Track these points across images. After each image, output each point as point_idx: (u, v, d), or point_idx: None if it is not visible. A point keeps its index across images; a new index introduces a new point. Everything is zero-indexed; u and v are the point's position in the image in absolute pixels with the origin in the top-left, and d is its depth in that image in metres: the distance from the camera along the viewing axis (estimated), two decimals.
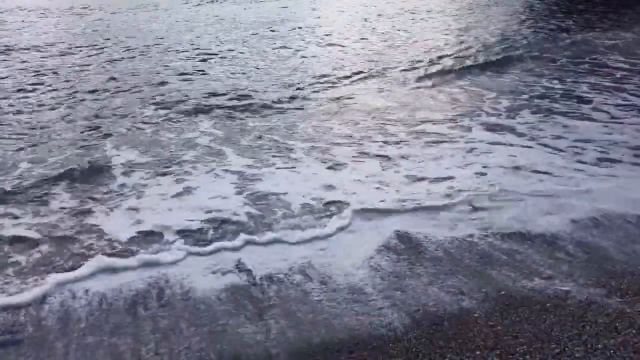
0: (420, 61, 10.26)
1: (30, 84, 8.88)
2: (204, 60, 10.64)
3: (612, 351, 2.88)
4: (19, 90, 8.53)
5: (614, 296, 3.41)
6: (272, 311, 3.42)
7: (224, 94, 8.29)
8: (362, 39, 12.65)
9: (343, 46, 11.88)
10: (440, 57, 10.54)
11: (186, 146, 6.24)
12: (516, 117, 7.21)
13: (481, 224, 4.47)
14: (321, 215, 4.66)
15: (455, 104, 7.87)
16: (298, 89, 8.59)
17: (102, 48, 11.74)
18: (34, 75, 9.40)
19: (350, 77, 9.29)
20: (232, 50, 11.48)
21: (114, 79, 9.22)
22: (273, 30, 13.76)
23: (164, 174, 5.51)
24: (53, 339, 3.20)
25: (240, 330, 3.25)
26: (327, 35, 13.25)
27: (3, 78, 9.30)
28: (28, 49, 11.59)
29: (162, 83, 8.99)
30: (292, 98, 8.10)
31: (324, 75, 9.36)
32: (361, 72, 9.57)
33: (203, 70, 9.84)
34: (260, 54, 11.12)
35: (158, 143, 6.37)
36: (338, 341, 3.14)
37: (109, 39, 12.66)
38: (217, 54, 11.13)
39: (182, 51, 11.34)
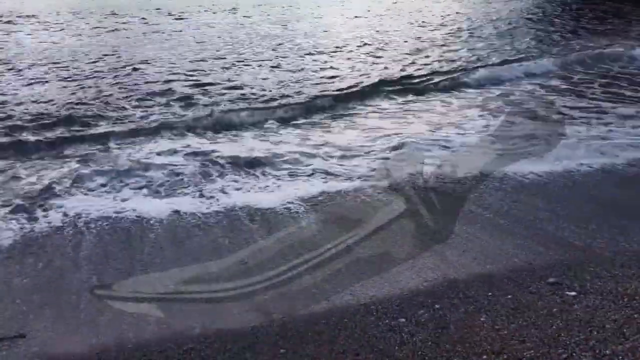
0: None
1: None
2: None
3: (620, 357, 2.84)
4: None
5: (622, 301, 3.39)
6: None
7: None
8: (359, 46, 12.67)
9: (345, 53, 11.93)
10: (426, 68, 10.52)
11: None
12: (475, 120, 7.59)
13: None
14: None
15: (421, 113, 8.10)
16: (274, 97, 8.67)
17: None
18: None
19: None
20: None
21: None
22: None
23: None
24: None
25: None
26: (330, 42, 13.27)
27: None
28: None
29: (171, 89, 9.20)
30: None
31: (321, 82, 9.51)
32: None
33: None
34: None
35: None
36: (343, 342, 3.13)
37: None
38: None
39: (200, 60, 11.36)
